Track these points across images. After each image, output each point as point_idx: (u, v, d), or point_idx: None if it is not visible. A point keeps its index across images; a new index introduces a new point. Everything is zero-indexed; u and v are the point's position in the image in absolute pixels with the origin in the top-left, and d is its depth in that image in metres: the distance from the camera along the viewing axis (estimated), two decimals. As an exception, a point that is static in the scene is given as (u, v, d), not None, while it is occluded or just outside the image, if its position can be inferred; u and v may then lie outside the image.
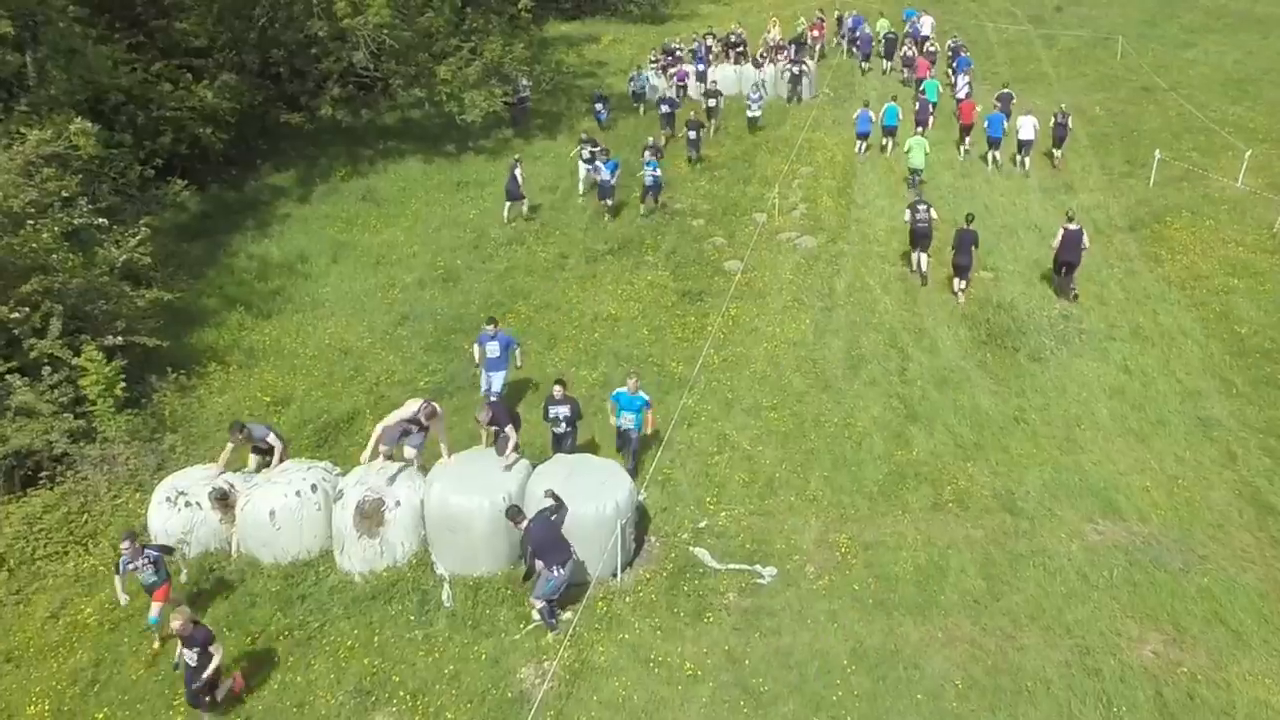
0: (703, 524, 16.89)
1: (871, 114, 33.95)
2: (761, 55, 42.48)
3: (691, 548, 16.34)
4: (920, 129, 32.77)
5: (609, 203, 29.81)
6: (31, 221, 19.39)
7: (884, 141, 34.57)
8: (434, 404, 16.41)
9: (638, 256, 27.12)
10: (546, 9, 55.50)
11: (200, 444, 19.47)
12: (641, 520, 16.82)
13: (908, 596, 14.89)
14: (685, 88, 40.58)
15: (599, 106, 38.18)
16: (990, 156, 32.70)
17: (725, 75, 40.78)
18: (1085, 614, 14.25)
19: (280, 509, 16.33)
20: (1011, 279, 24.83)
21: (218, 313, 24.50)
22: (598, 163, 29.94)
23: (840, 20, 49.37)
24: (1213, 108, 36.13)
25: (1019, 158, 32.52)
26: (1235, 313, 22.50)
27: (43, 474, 17.85)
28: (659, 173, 29.25)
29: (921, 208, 24.78)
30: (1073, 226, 23.42)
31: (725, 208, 30.08)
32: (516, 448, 16.41)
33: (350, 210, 31.34)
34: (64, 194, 20.90)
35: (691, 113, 35.86)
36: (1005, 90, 35.36)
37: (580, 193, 31.59)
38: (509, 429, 16.37)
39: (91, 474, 18.08)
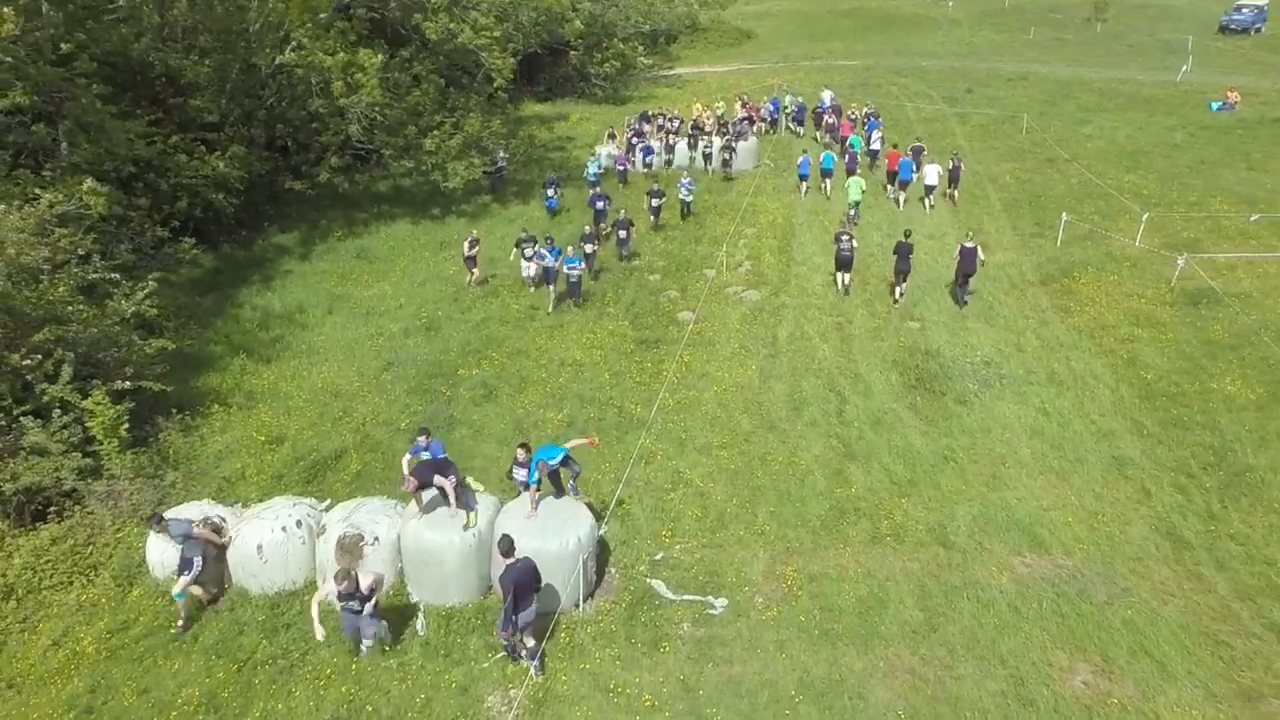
0: (659, 556, 15.99)
1: (811, 159, 36.24)
2: (692, 134, 41.16)
3: (648, 579, 15.43)
4: (855, 173, 33.82)
5: (575, 302, 26.47)
6: (45, 277, 18.91)
7: (821, 184, 36.03)
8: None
9: (601, 308, 26.28)
10: (522, 91, 55.04)
11: (199, 480, 18.68)
12: (602, 553, 15.93)
13: (851, 627, 14.01)
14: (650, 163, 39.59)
15: (550, 191, 34.32)
16: (899, 197, 34.66)
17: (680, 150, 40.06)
18: (1017, 644, 13.42)
19: (267, 543, 15.53)
20: (936, 329, 24.09)
21: (223, 358, 23.52)
22: (541, 249, 26.54)
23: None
24: (1110, 176, 35.79)
25: (925, 199, 33.96)
26: (1141, 359, 21.81)
27: (51, 509, 17.13)
28: (581, 268, 26.19)
29: (845, 238, 25.85)
30: (970, 244, 24.88)
31: (679, 264, 29.28)
32: (461, 495, 14.80)
33: (345, 266, 30.36)
34: (79, 251, 20.48)
35: (655, 183, 34.77)
36: (917, 143, 36.72)
37: (532, 289, 27.64)
38: (442, 480, 14.63)
39: (97, 508, 17.32)
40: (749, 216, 33.31)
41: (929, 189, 33.56)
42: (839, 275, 26.46)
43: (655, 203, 32.30)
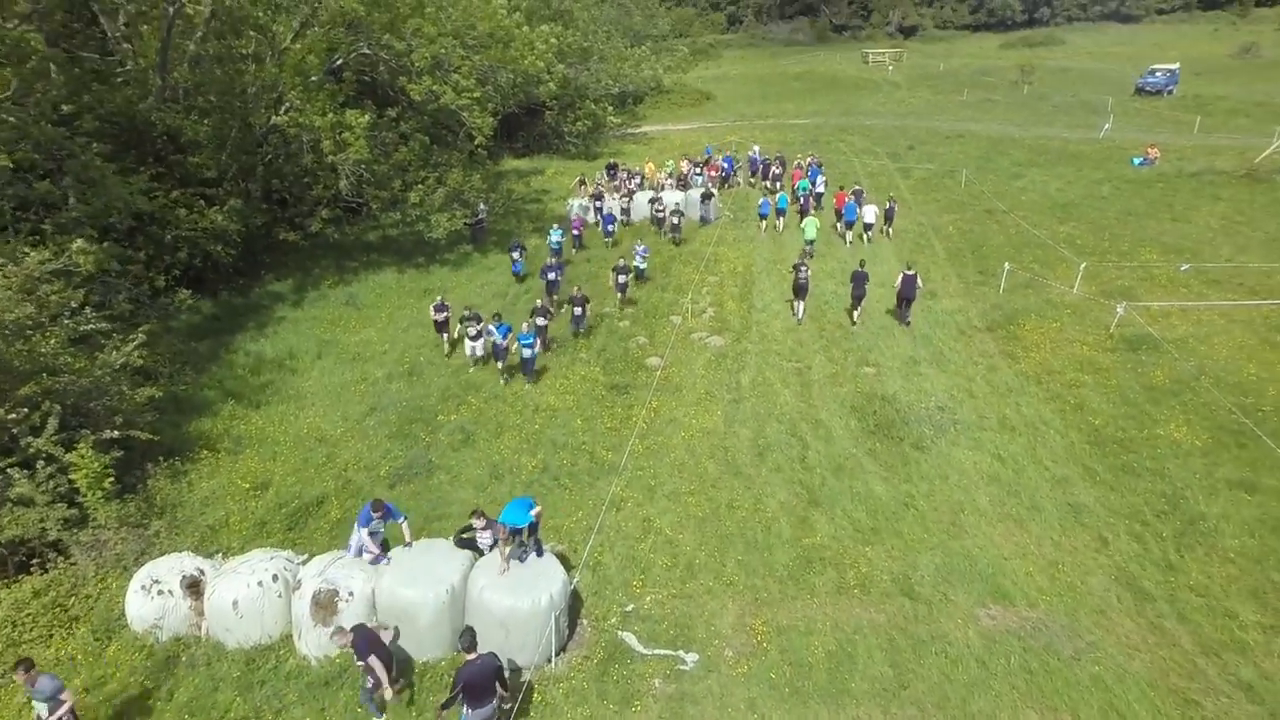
0: (630, 608, 14.77)
1: (770, 201, 37.35)
2: (652, 200, 38.70)
3: (620, 632, 14.23)
4: (809, 213, 34.77)
5: (529, 380, 23.40)
6: (31, 332, 17.55)
7: (777, 222, 37.14)
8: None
9: (573, 354, 25.08)
10: (502, 147, 53.98)
11: (184, 528, 17.44)
12: (575, 604, 14.63)
13: (820, 684, 12.86)
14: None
15: (515, 255, 31.37)
16: (845, 235, 35.34)
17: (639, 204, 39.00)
18: (988, 704, 12.31)
19: (243, 599, 14.23)
20: (891, 374, 23.03)
21: (214, 404, 22.16)
22: (489, 326, 23.41)
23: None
24: (1045, 226, 35.09)
25: (865, 235, 35.09)
26: (1088, 405, 20.82)
27: (35, 560, 15.88)
28: (536, 347, 23.28)
29: (801, 268, 26.49)
30: (910, 272, 25.66)
31: (647, 311, 28.16)
32: (383, 685, 12.25)
33: (335, 313, 29.02)
34: (71, 304, 19.23)
35: (620, 258, 30.53)
36: (858, 187, 38.43)
37: (471, 368, 24.26)
38: (373, 662, 12.14)
39: (81, 558, 16.08)
40: (711, 265, 32.30)
41: (868, 226, 34.84)
42: (795, 303, 26.90)
43: (621, 279, 28.41)
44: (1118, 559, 15.54)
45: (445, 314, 25.53)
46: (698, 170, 42.15)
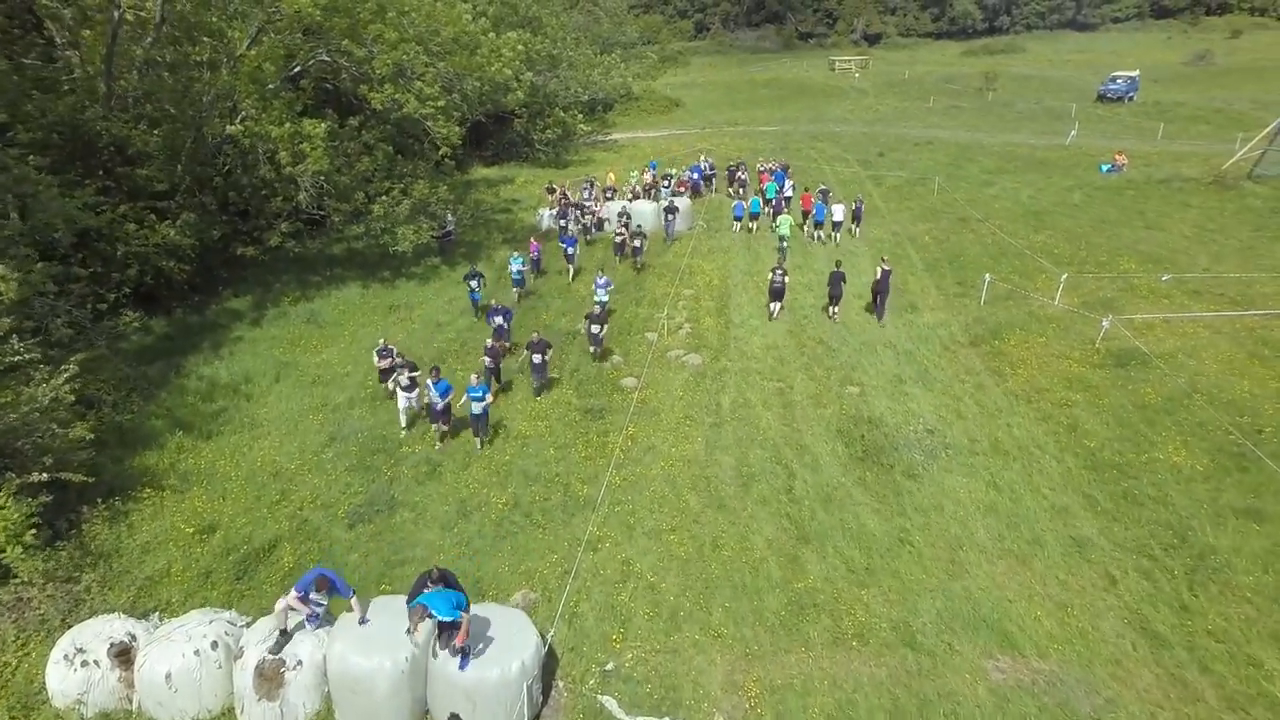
0: (610, 667, 13.24)
1: (744, 204, 37.12)
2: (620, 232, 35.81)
3: (600, 696, 12.65)
4: (781, 213, 34.26)
5: (481, 440, 19.85)
6: None
7: (751, 225, 36.86)
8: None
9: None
10: (471, 156, 52.24)
11: (119, 581, 15.66)
12: (549, 663, 13.02)
13: (823, 759, 11.24)
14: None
15: (473, 284, 27.72)
16: (815, 234, 35.51)
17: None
18: (1010, 782, 10.75)
19: (177, 671, 12.53)
20: (876, 394, 21.65)
21: (161, 435, 20.36)
22: (428, 382, 19.66)
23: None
24: (1020, 235, 33.95)
25: (834, 234, 35.08)
26: (1081, 426, 19.55)
27: None
28: (488, 401, 19.55)
29: (777, 271, 26.49)
30: (886, 267, 26.10)
31: (621, 327, 26.61)
32: None
33: (295, 332, 27.23)
34: None
35: (596, 305, 26.45)
36: (823, 188, 38.27)
37: (402, 426, 20.75)
38: None
39: (1, 620, 14.18)
40: (686, 278, 30.80)
41: (836, 225, 34.96)
42: (771, 305, 26.80)
43: (595, 330, 23.83)
44: (1128, 599, 14.22)
45: (390, 360, 22.28)
46: (665, 184, 40.43)
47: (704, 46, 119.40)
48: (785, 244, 32.28)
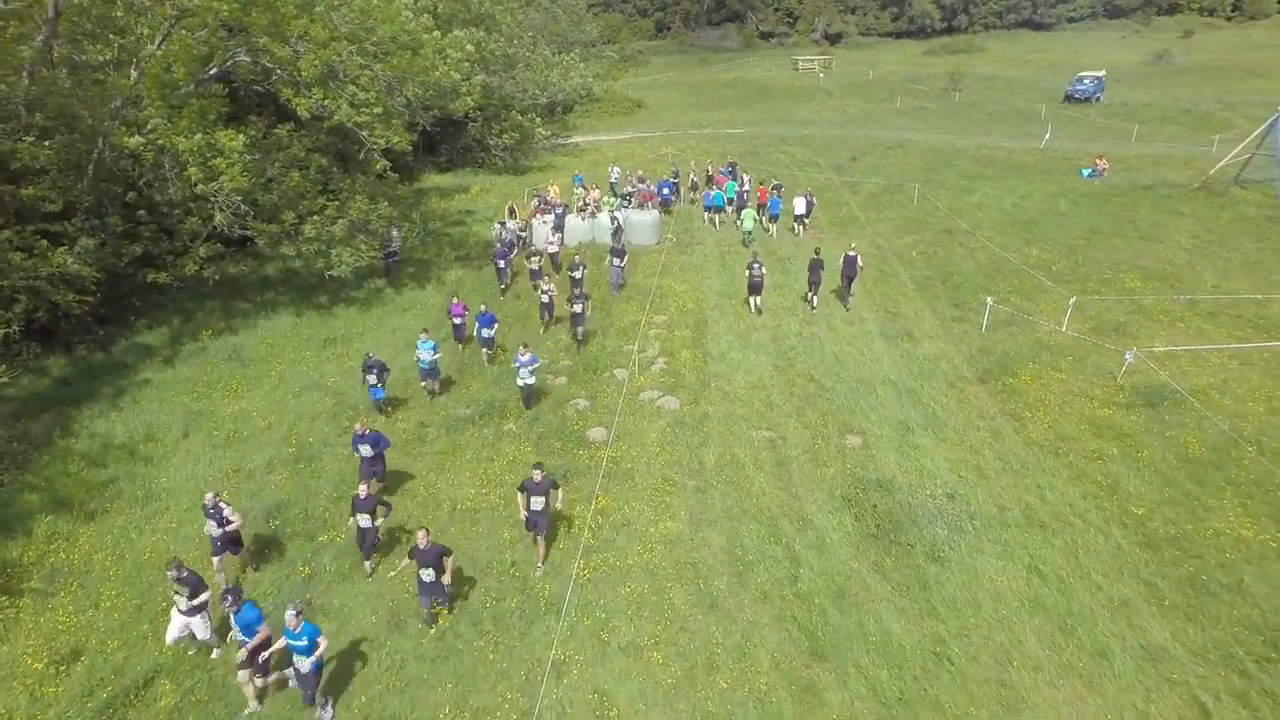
0: None
1: (711, 193, 36.92)
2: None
3: None
4: (744, 208, 35.15)
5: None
6: None
7: (715, 218, 36.57)
8: None
9: (499, 425, 19.99)
10: (423, 161, 48.37)
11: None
12: None
13: None
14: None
15: (371, 378, 20.02)
16: (771, 229, 35.02)
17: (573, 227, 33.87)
18: None
19: None
20: (882, 446, 18.42)
21: (32, 516, 16.57)
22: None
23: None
24: (1012, 249, 31.02)
25: (795, 227, 35.20)
26: (1122, 486, 16.47)
27: None
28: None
29: (755, 265, 25.83)
30: (851, 254, 26.17)
31: (586, 363, 23.19)
32: None
33: (214, 373, 23.44)
34: None
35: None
36: (776, 182, 37.90)
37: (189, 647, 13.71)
38: None
39: None
40: (658, 301, 27.39)
41: (798, 218, 34.85)
42: (751, 299, 26.16)
43: (537, 507, 14.66)
44: (1232, 742, 11.11)
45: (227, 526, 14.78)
46: (621, 200, 36.85)
47: (665, 46, 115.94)
48: (751, 236, 33.04)
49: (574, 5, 74.35)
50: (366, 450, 16.56)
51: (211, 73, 25.46)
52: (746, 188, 38.09)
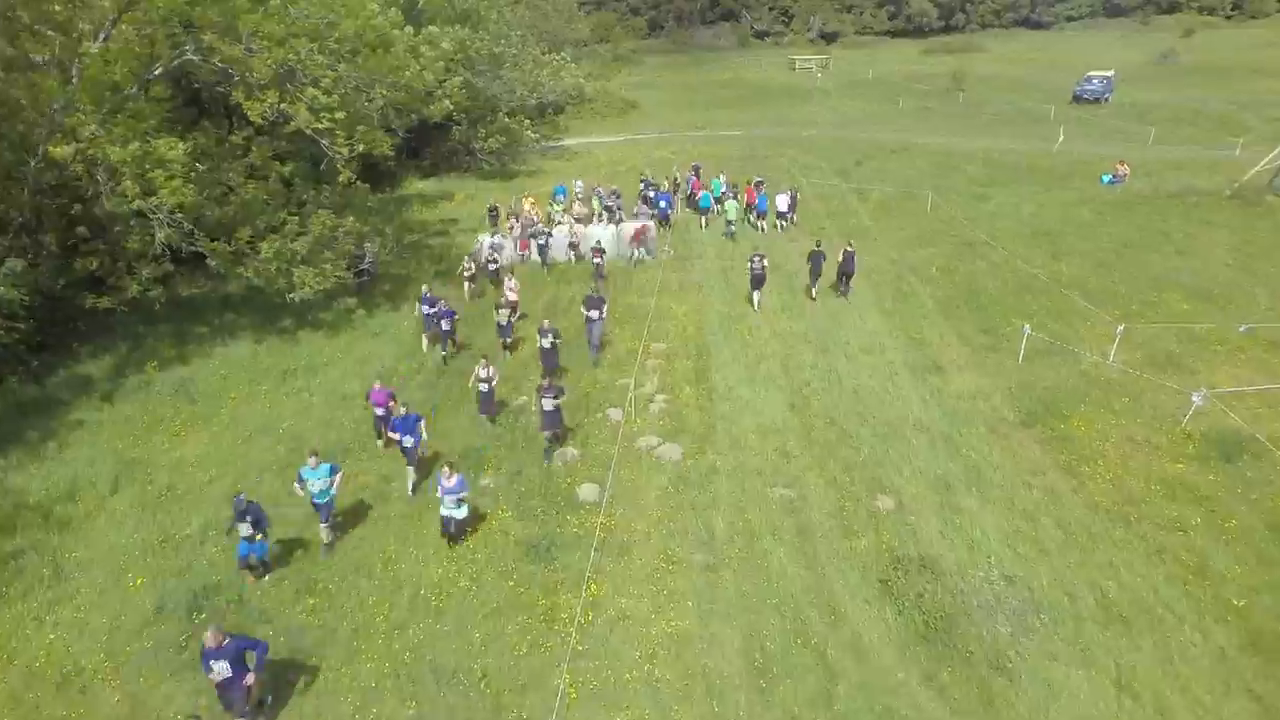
0: None
1: (709, 194, 35.79)
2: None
3: None
4: (727, 200, 34.22)
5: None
6: None
7: (704, 219, 35.49)
8: None
9: (474, 480, 17.10)
10: (405, 167, 45.45)
11: None
12: None
13: None
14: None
15: (242, 527, 13.83)
16: (760, 225, 34.58)
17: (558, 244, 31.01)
18: None
19: None
20: (920, 509, 15.65)
21: (-82, 601, 13.65)
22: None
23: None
24: (1039, 263, 28.30)
25: (780, 223, 34.56)
26: (1213, 568, 13.70)
27: None
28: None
29: (757, 259, 25.22)
30: (850, 249, 25.88)
31: (576, 399, 20.36)
32: None
33: (156, 411, 20.70)
34: None
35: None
36: (759, 179, 36.84)
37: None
38: None
39: None
40: (655, 326, 24.58)
41: (781, 215, 34.37)
42: (753, 294, 25.60)
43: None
44: None
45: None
46: (609, 206, 34.04)
47: (659, 45, 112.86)
48: (733, 227, 33.00)
49: (565, 3, 71.54)
50: (222, 671, 10.73)
51: (156, 73, 22.57)
52: (725, 188, 36.24)
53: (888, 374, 21.21)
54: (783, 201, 34.25)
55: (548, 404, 17.36)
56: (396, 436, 16.73)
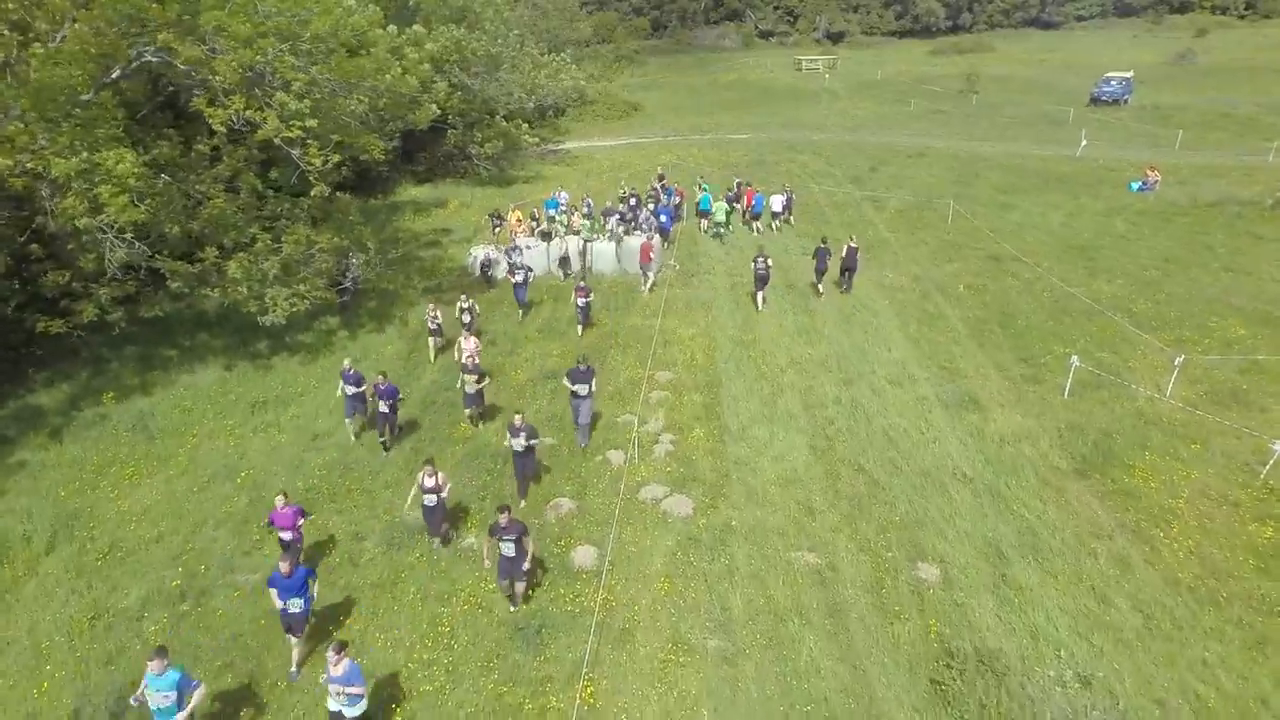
0: None
1: (711, 197, 33.84)
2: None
3: None
4: (717, 204, 33.22)
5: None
6: None
7: (703, 222, 33.94)
8: None
9: (457, 540, 14.96)
10: (400, 171, 43.26)
11: None
12: None
13: None
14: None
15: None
16: (755, 226, 34.13)
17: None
18: None
19: None
20: (970, 584, 13.43)
21: None
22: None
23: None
24: (1075, 281, 26.13)
25: (774, 223, 33.81)
26: (1331, 673, 11.46)
27: None
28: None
29: (761, 259, 24.88)
30: (853, 245, 25.90)
31: (573, 440, 18.22)
32: None
33: (109, 451, 18.58)
34: None
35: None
36: (744, 181, 36.52)
37: None
38: None
39: None
40: (660, 352, 22.40)
41: (775, 214, 33.80)
42: (757, 293, 25.26)
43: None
44: None
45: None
46: (619, 214, 31.89)
47: (662, 45, 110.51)
48: (722, 230, 32.44)
49: (566, 2, 69.32)
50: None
51: (114, 76, 20.40)
52: (710, 196, 34.08)
53: (920, 411, 19.01)
54: (777, 202, 33.68)
55: (506, 547, 12.64)
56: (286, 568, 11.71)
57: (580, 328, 23.88)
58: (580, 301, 23.44)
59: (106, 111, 18.50)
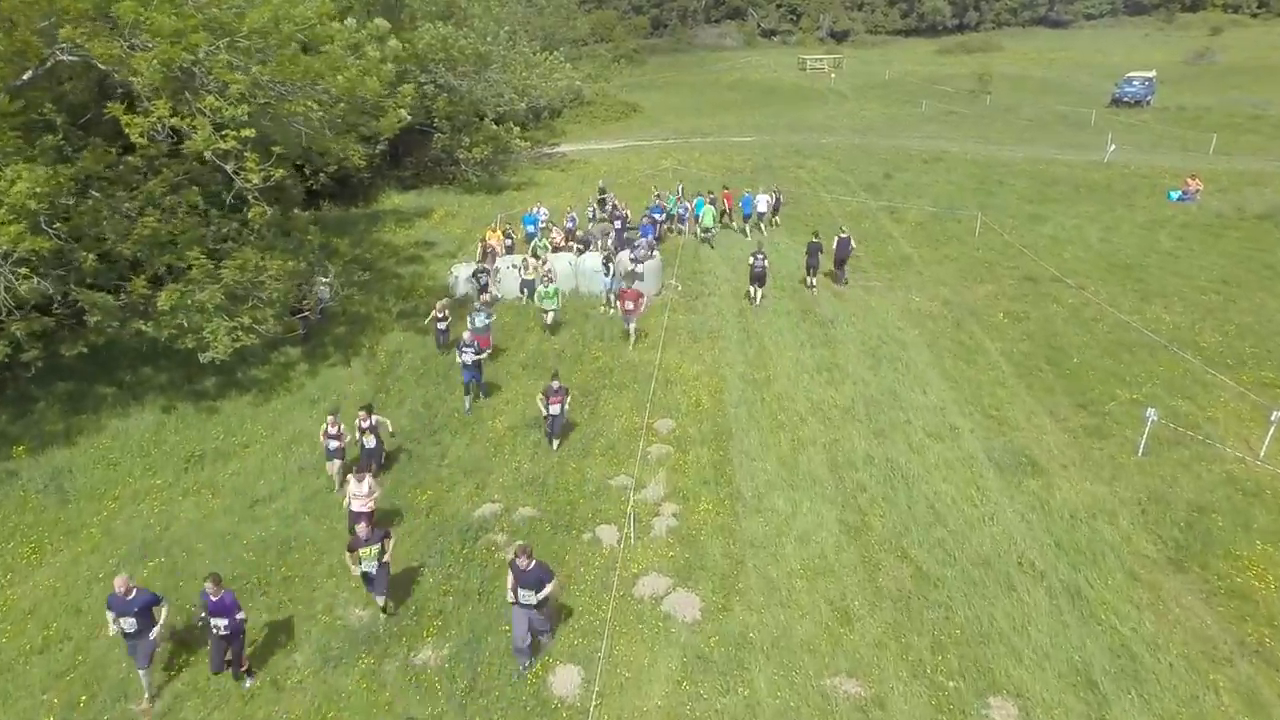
0: None
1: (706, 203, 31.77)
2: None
3: None
4: (705, 208, 31.24)
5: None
6: None
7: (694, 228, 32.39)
8: None
9: (410, 647, 11.98)
10: (385, 177, 40.18)
11: None
12: None
13: None
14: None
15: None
16: (744, 228, 33.17)
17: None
18: None
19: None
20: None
21: None
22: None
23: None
24: (1128, 307, 23.14)
25: (760, 223, 32.66)
26: None
27: None
28: None
29: (758, 256, 24.67)
30: (844, 235, 26.52)
31: (556, 510, 15.25)
32: None
33: (11, 519, 15.75)
34: None
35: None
36: (725, 188, 34.94)
37: None
38: None
39: None
40: (660, 393, 19.37)
41: (760, 215, 32.71)
42: (752, 289, 24.98)
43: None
44: None
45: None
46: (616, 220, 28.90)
47: (662, 44, 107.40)
48: (711, 233, 31.39)
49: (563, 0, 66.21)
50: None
51: (25, 78, 17.35)
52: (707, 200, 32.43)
53: (969, 475, 15.95)
54: (763, 202, 32.66)
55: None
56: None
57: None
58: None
59: (5, 119, 15.41)
